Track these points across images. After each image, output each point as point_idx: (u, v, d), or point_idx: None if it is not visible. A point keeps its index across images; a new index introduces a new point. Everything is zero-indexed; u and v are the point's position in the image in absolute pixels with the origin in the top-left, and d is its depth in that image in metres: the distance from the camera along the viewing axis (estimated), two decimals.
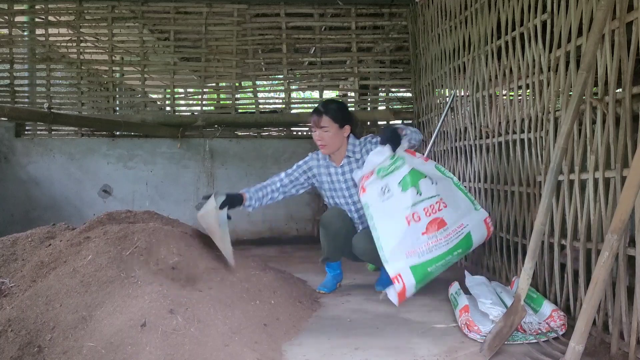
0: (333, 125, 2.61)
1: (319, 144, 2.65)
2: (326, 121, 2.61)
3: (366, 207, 2.24)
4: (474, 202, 2.37)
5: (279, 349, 1.81)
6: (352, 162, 2.66)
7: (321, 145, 2.64)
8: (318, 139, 2.64)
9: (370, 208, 2.22)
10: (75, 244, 2.07)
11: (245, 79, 4.61)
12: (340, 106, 2.72)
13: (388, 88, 4.78)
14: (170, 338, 1.51)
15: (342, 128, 2.64)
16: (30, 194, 4.28)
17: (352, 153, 2.67)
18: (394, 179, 2.24)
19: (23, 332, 1.61)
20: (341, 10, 4.60)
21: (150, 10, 4.48)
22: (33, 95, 4.48)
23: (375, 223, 2.19)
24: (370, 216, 2.22)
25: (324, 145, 2.64)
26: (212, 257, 2.24)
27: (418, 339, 1.96)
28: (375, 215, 2.21)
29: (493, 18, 2.79)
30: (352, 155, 2.67)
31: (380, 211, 2.21)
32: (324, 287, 2.73)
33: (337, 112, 2.63)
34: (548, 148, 2.23)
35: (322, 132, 2.61)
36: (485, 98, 2.93)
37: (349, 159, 2.67)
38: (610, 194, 1.80)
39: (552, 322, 1.94)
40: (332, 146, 2.65)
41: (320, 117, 2.62)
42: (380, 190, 2.23)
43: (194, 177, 4.43)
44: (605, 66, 1.85)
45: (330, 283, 2.77)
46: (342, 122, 2.64)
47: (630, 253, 1.70)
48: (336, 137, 2.63)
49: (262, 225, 4.47)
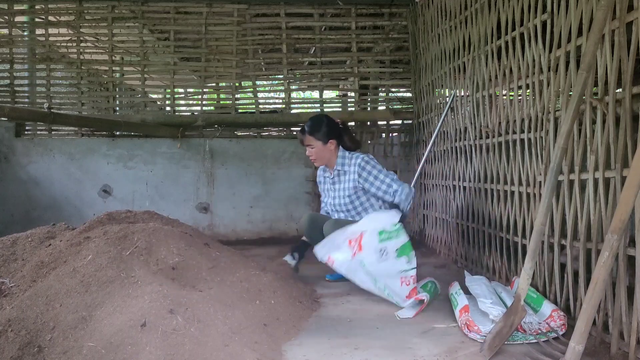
0: (317, 143, 2.89)
1: (310, 159, 2.97)
2: (310, 139, 2.90)
3: (362, 264, 2.45)
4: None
5: (279, 349, 1.81)
6: (341, 174, 2.95)
7: (312, 159, 2.96)
8: (307, 154, 2.95)
9: (367, 266, 2.44)
10: (75, 244, 2.07)
11: (245, 79, 4.61)
12: (324, 124, 2.92)
13: (388, 88, 4.78)
14: (170, 338, 1.51)
15: (326, 144, 2.90)
16: (30, 194, 4.29)
17: (341, 166, 2.93)
18: (393, 244, 2.47)
19: (23, 332, 1.61)
20: (341, 10, 4.60)
21: (150, 10, 4.48)
22: (33, 95, 4.48)
23: (377, 278, 2.44)
24: (369, 271, 2.44)
25: (314, 159, 2.95)
26: (212, 257, 2.24)
27: (418, 339, 1.96)
28: (374, 271, 2.44)
29: (493, 18, 2.79)
30: (340, 168, 2.94)
31: (379, 269, 2.44)
32: (331, 275, 2.95)
33: (319, 130, 2.89)
34: (548, 148, 2.23)
35: (309, 149, 2.92)
36: (485, 98, 2.93)
37: (338, 171, 2.95)
38: (610, 194, 1.80)
39: (552, 322, 1.94)
40: (321, 160, 2.95)
41: (304, 136, 2.91)
42: (378, 252, 2.45)
43: (194, 177, 4.43)
44: (605, 66, 1.85)
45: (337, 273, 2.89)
46: (326, 139, 2.90)
47: (630, 253, 1.70)
48: (323, 152, 2.91)
49: (262, 225, 4.48)
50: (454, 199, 3.43)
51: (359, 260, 2.43)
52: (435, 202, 3.86)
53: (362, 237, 2.46)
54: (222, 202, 4.44)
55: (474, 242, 3.08)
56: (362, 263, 2.43)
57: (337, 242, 2.52)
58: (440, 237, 3.75)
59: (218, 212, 4.44)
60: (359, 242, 2.46)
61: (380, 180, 2.83)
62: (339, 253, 2.48)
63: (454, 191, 3.42)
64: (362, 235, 2.47)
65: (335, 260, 2.49)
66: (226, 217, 4.44)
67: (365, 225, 2.51)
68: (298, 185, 4.49)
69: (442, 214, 3.69)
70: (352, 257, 2.44)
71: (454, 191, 3.44)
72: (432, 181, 3.91)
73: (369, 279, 2.45)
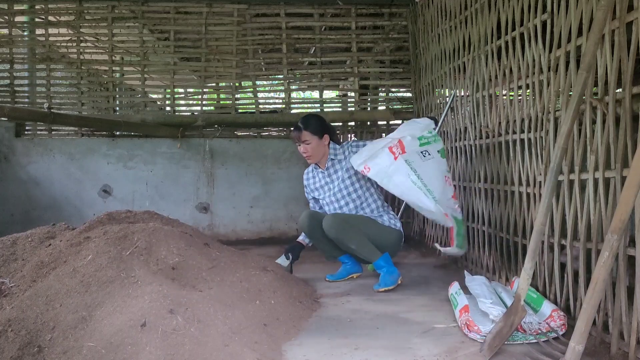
0: (313, 138, 2.91)
1: (305, 156, 2.96)
2: (307, 135, 2.91)
3: (407, 162, 2.52)
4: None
5: (279, 349, 1.81)
6: (336, 163, 2.98)
7: (307, 157, 2.96)
8: (303, 151, 2.95)
9: (412, 163, 2.52)
10: (75, 244, 2.07)
11: (245, 79, 4.61)
12: (317, 119, 2.99)
13: (388, 88, 4.78)
14: (170, 338, 1.51)
15: (321, 138, 2.94)
16: (30, 193, 4.28)
17: (335, 155, 2.98)
18: (433, 147, 2.64)
19: (23, 332, 1.61)
20: (341, 10, 4.60)
21: (150, 10, 4.48)
22: (33, 95, 4.48)
23: (420, 174, 2.51)
24: (414, 169, 2.51)
25: (309, 156, 2.95)
26: (212, 257, 2.24)
27: (418, 339, 1.96)
28: (418, 169, 2.52)
29: (493, 18, 2.79)
30: (334, 157, 2.98)
31: (423, 167, 2.53)
32: (331, 275, 2.97)
33: (315, 125, 2.92)
34: (548, 148, 2.23)
35: (305, 145, 2.92)
36: (485, 98, 2.93)
37: (332, 161, 2.99)
38: (610, 194, 1.80)
39: (552, 322, 1.94)
40: (316, 156, 2.96)
41: (300, 133, 2.92)
42: (420, 154, 2.57)
43: (194, 177, 4.43)
44: (605, 66, 1.85)
45: (339, 272, 2.98)
46: (321, 133, 2.94)
47: (630, 253, 1.70)
48: (318, 147, 2.94)
49: (262, 225, 4.48)
50: None
51: (402, 161, 2.49)
52: None
53: (401, 142, 2.54)
54: (222, 202, 4.44)
55: (474, 242, 3.08)
56: (408, 161, 2.49)
57: (374, 150, 2.59)
58: (440, 237, 3.75)
59: (218, 212, 4.44)
60: (400, 146, 2.53)
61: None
62: (378, 159, 2.54)
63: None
64: (400, 141, 2.55)
65: (372, 167, 2.54)
66: (226, 217, 4.44)
67: (403, 132, 2.62)
68: (298, 185, 4.48)
69: None
70: (395, 160, 2.50)
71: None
72: None
73: (408, 179, 2.48)
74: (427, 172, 2.53)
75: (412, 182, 2.49)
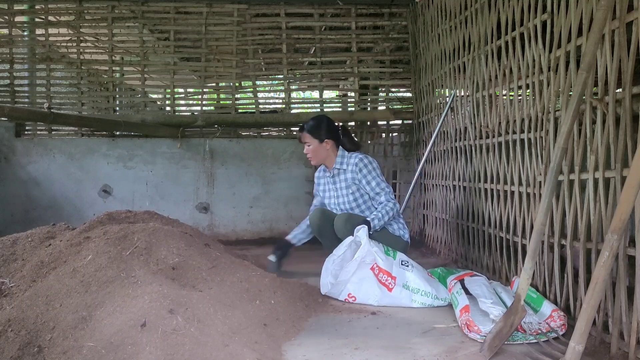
0: (313, 141, 2.96)
1: (307, 156, 3.03)
2: (307, 137, 2.97)
3: (405, 286, 2.43)
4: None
5: (279, 349, 1.81)
6: (341, 172, 3.00)
7: (308, 157, 3.02)
8: (305, 151, 3.02)
9: (407, 284, 2.43)
10: (75, 244, 2.07)
11: (245, 79, 4.61)
12: (323, 123, 3.00)
13: (388, 88, 4.78)
14: (170, 338, 1.51)
15: (322, 143, 2.96)
16: (30, 193, 4.28)
17: (340, 164, 2.99)
18: (394, 252, 2.56)
19: (23, 332, 1.61)
20: (341, 10, 4.60)
21: (150, 10, 4.48)
22: (33, 95, 4.48)
23: (417, 287, 2.42)
24: (412, 290, 2.43)
25: (310, 157, 3.01)
26: (212, 257, 2.24)
27: (418, 339, 1.96)
28: (411, 283, 2.44)
29: (493, 18, 2.79)
30: (339, 167, 2.99)
31: (412, 277, 2.45)
32: None
33: (316, 129, 2.96)
34: (548, 148, 2.23)
35: (306, 146, 2.99)
36: (485, 98, 2.93)
37: (337, 169, 3.00)
38: (610, 194, 1.80)
39: (552, 322, 1.94)
40: (317, 158, 3.00)
41: (302, 134, 2.99)
42: (401, 265, 2.49)
43: (194, 177, 4.43)
44: (605, 66, 1.85)
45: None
46: (322, 138, 2.96)
47: (630, 253, 1.70)
48: (318, 151, 2.97)
49: (262, 225, 4.48)
50: (454, 199, 3.43)
51: (398, 290, 2.40)
52: (435, 202, 3.86)
53: (379, 266, 2.43)
54: (222, 202, 4.44)
55: (474, 242, 3.08)
56: (405, 286, 2.41)
57: (344, 278, 2.44)
58: (440, 237, 3.75)
59: (218, 212, 4.44)
60: (385, 272, 2.43)
61: (371, 187, 2.89)
62: (366, 287, 2.42)
63: (454, 191, 3.42)
64: (376, 264, 2.44)
65: (358, 297, 2.45)
66: (226, 217, 4.44)
67: (365, 255, 2.44)
68: (298, 185, 4.49)
69: (442, 214, 3.69)
70: (390, 292, 2.41)
71: (454, 191, 3.44)
72: (432, 181, 3.91)
73: (414, 304, 2.40)
74: (417, 279, 2.42)
75: (421, 303, 2.39)
